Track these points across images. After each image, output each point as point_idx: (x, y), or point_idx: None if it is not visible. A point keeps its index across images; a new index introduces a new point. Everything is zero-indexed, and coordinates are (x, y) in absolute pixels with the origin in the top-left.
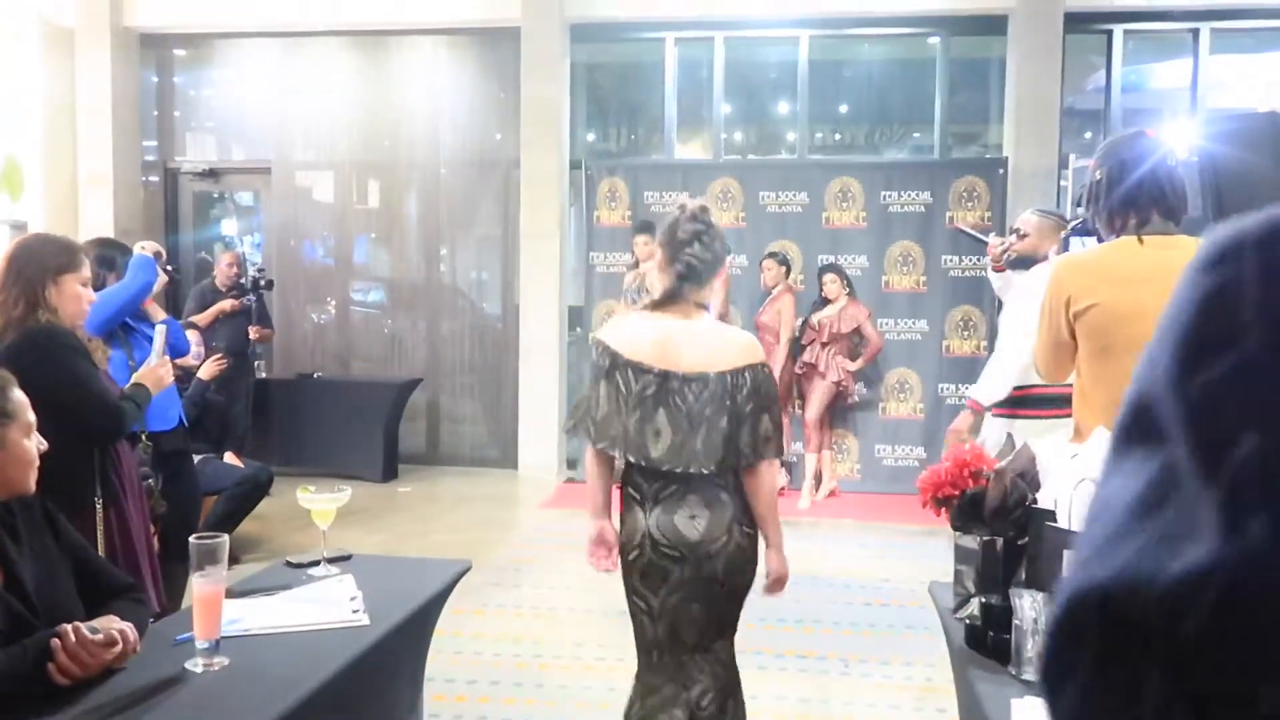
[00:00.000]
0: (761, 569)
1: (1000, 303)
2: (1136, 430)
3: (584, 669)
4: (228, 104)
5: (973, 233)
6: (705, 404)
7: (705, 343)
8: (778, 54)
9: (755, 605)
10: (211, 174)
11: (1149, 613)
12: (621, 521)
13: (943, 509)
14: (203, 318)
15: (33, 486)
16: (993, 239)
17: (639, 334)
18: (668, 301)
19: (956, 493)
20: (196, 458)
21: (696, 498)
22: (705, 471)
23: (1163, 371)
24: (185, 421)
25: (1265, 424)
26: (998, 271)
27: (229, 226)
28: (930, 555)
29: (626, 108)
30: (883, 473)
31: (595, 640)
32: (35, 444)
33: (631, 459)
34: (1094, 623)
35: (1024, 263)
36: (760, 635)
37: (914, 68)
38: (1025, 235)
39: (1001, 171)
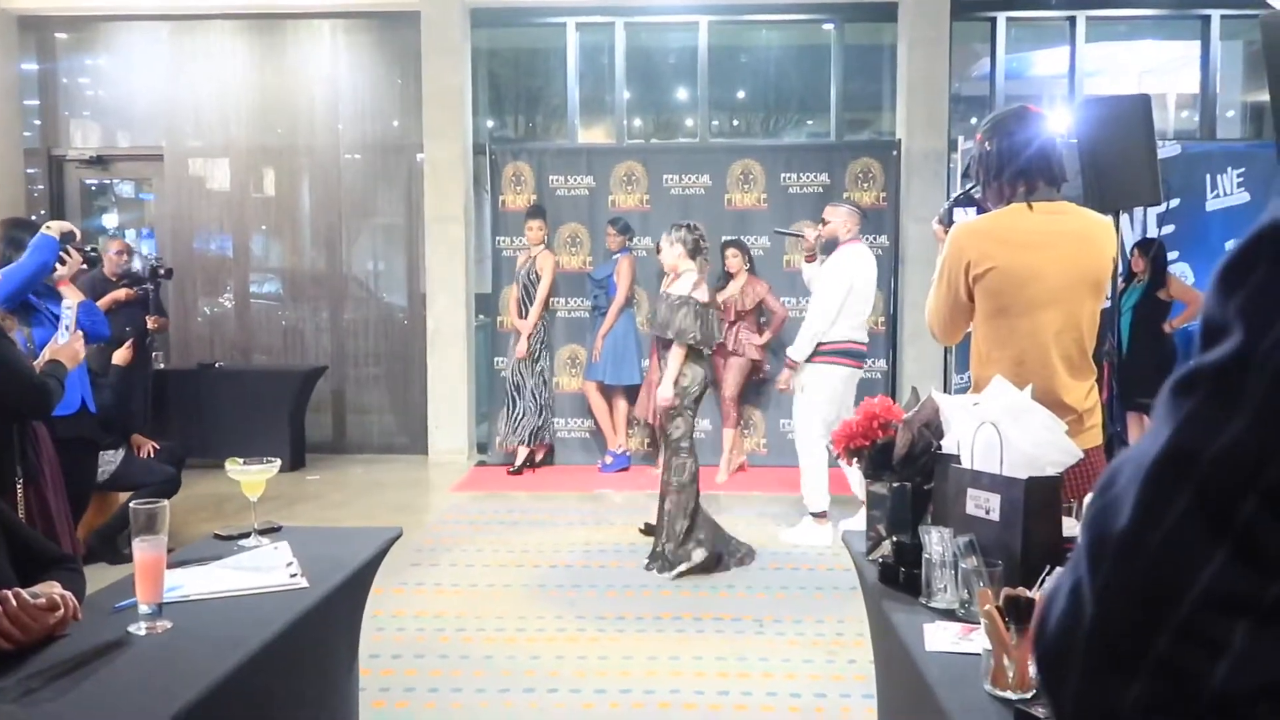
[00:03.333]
0: None
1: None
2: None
3: (507, 640)
4: (115, 89)
5: (789, 231)
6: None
7: None
8: (678, 39)
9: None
10: (99, 161)
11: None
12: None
13: (854, 459)
14: (99, 305)
15: None
16: (808, 231)
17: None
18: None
19: (867, 443)
20: (117, 454)
21: None
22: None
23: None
24: (93, 407)
25: None
26: (809, 262)
27: (119, 216)
28: (834, 522)
29: (527, 93)
30: (788, 446)
31: (516, 612)
32: None
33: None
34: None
35: (829, 246)
36: (679, 601)
37: (809, 54)
38: (829, 223)
39: (895, 153)
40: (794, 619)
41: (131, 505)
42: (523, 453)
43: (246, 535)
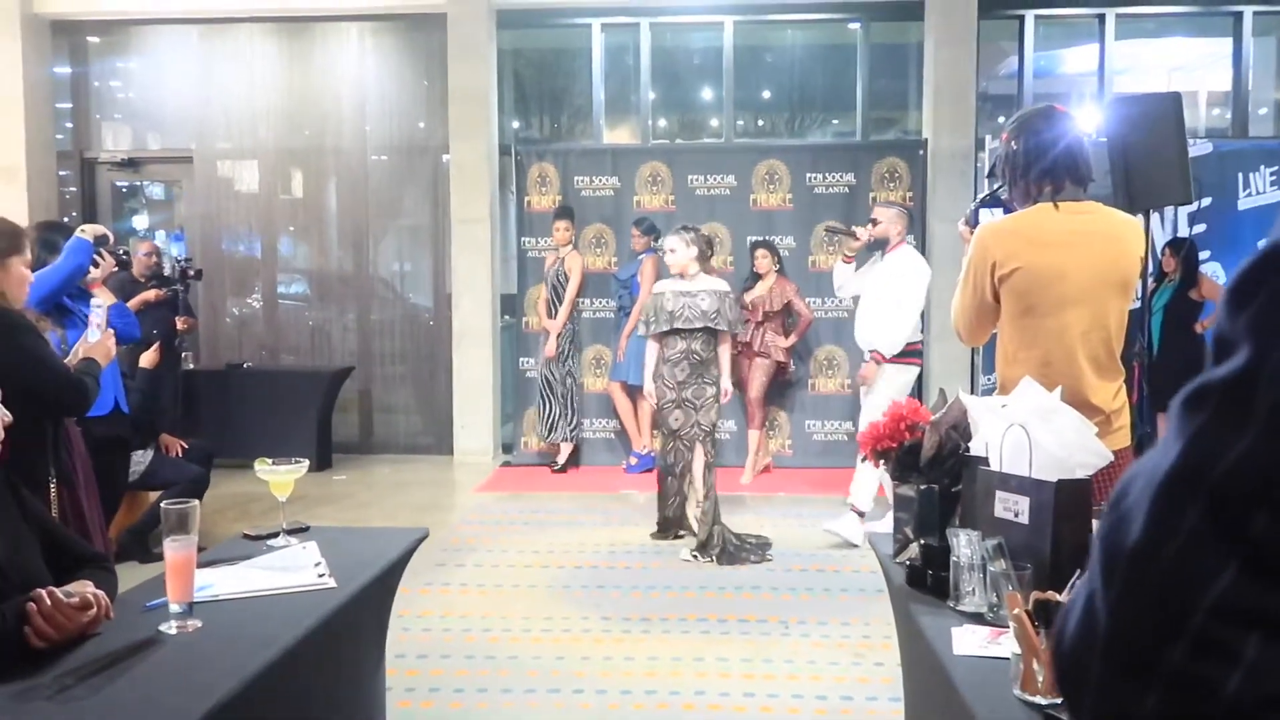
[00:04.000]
0: None
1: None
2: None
3: (533, 640)
4: (146, 92)
5: (842, 229)
6: None
7: None
8: (702, 39)
9: (697, 574)
10: (130, 164)
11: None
12: None
13: (882, 460)
14: (129, 306)
15: None
16: (860, 230)
17: None
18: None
19: (895, 445)
20: (146, 454)
21: None
22: None
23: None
24: (125, 408)
25: None
26: (847, 263)
27: (149, 217)
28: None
29: (552, 94)
30: (813, 447)
31: (542, 613)
32: (1, 417)
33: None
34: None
35: (879, 245)
36: (703, 602)
37: (835, 53)
38: (879, 223)
39: (921, 153)
40: (819, 621)
41: (163, 505)
42: (566, 449)
43: (275, 535)
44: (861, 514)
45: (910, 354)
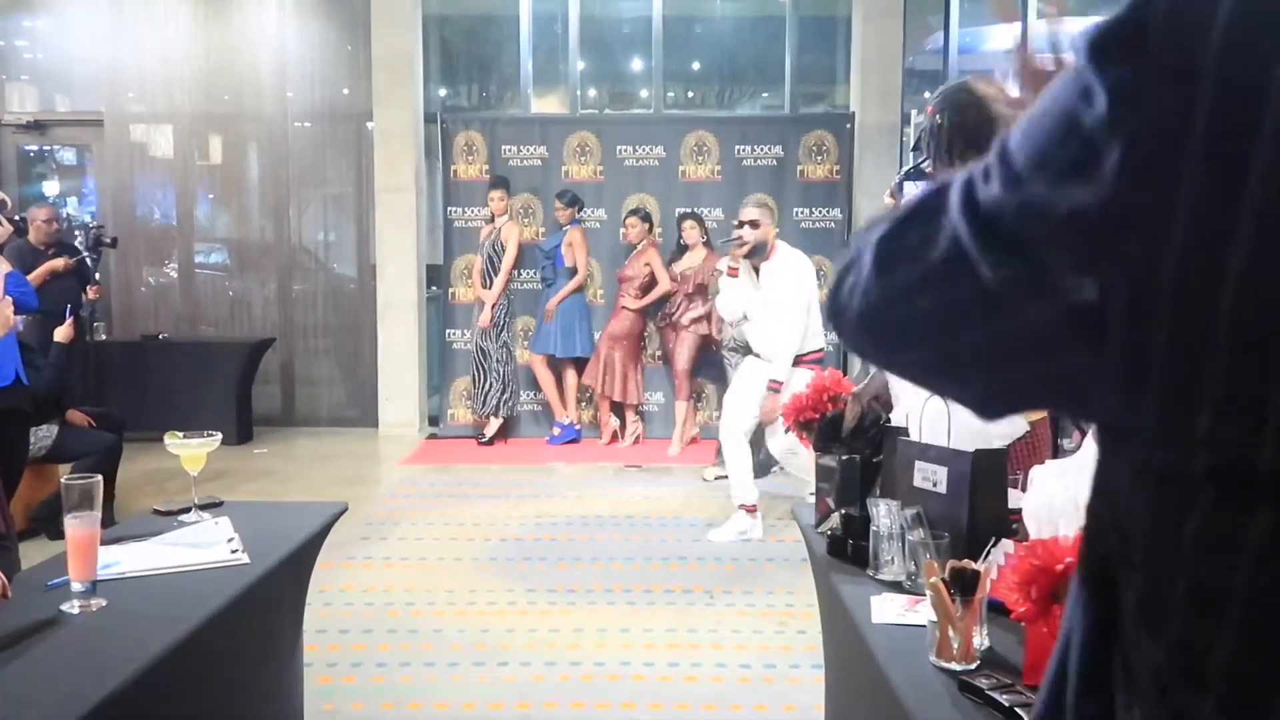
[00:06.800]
0: None
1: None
2: None
3: (457, 614)
4: (53, 52)
5: (732, 238)
6: None
7: None
8: (631, 9)
9: (623, 546)
10: (37, 126)
11: None
12: None
13: (804, 431)
14: (33, 277)
15: None
16: (741, 232)
17: None
18: None
19: (817, 416)
20: (52, 428)
21: None
22: None
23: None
24: (25, 380)
25: None
26: (732, 275)
27: (59, 183)
28: (788, 496)
29: (480, 61)
30: None
31: (466, 586)
32: None
33: None
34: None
35: (759, 250)
36: (629, 573)
37: (764, 25)
38: (760, 224)
39: (849, 126)
40: (744, 590)
41: (64, 481)
42: (494, 424)
43: (187, 510)
44: (751, 507)
45: (811, 363)
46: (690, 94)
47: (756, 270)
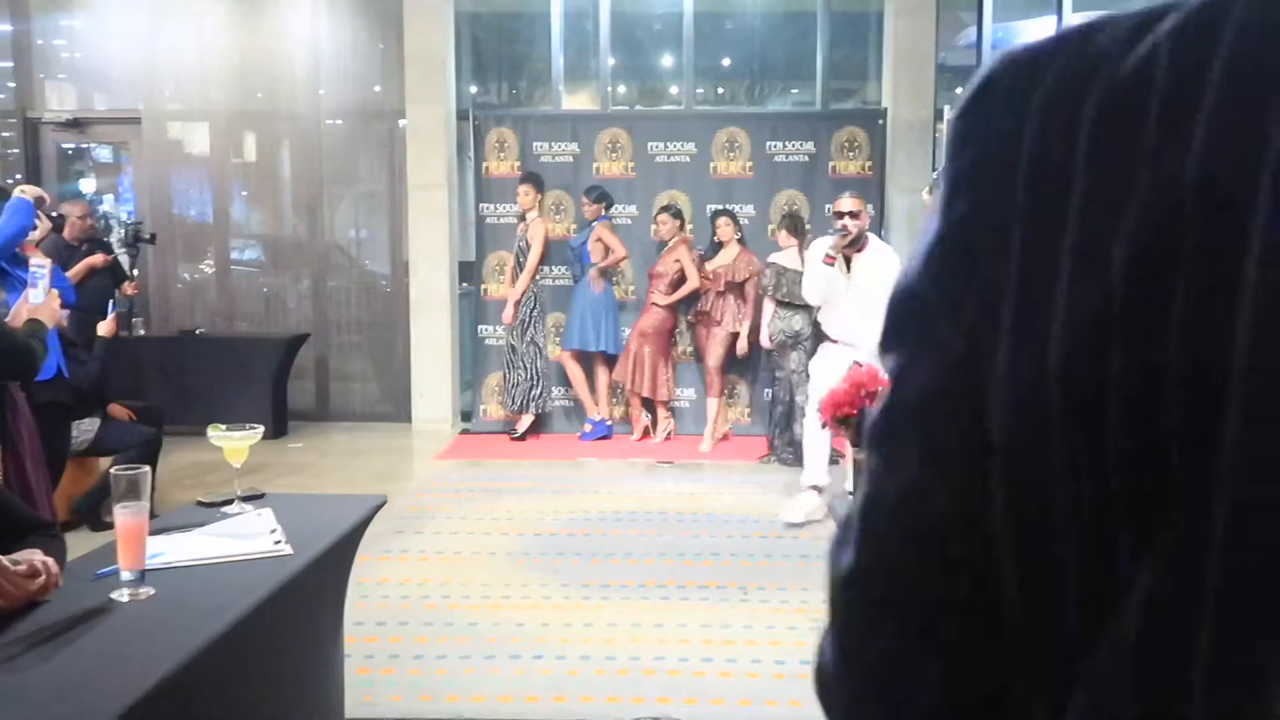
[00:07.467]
0: None
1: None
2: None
3: (491, 607)
4: (91, 51)
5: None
6: None
7: None
8: (663, 5)
9: (655, 542)
10: (75, 124)
11: None
12: None
13: (842, 428)
14: (73, 274)
15: None
16: (843, 223)
17: None
18: None
19: (855, 412)
20: (94, 422)
21: None
22: None
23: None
24: (67, 373)
25: None
26: (829, 264)
27: (96, 180)
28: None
29: (511, 58)
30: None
31: (501, 580)
32: None
33: None
34: None
35: (855, 240)
36: (661, 569)
37: (795, 21)
38: (859, 215)
39: (881, 123)
40: (778, 586)
41: (112, 471)
42: (526, 420)
43: (230, 502)
44: (820, 489)
45: None
46: (721, 90)
47: (848, 260)
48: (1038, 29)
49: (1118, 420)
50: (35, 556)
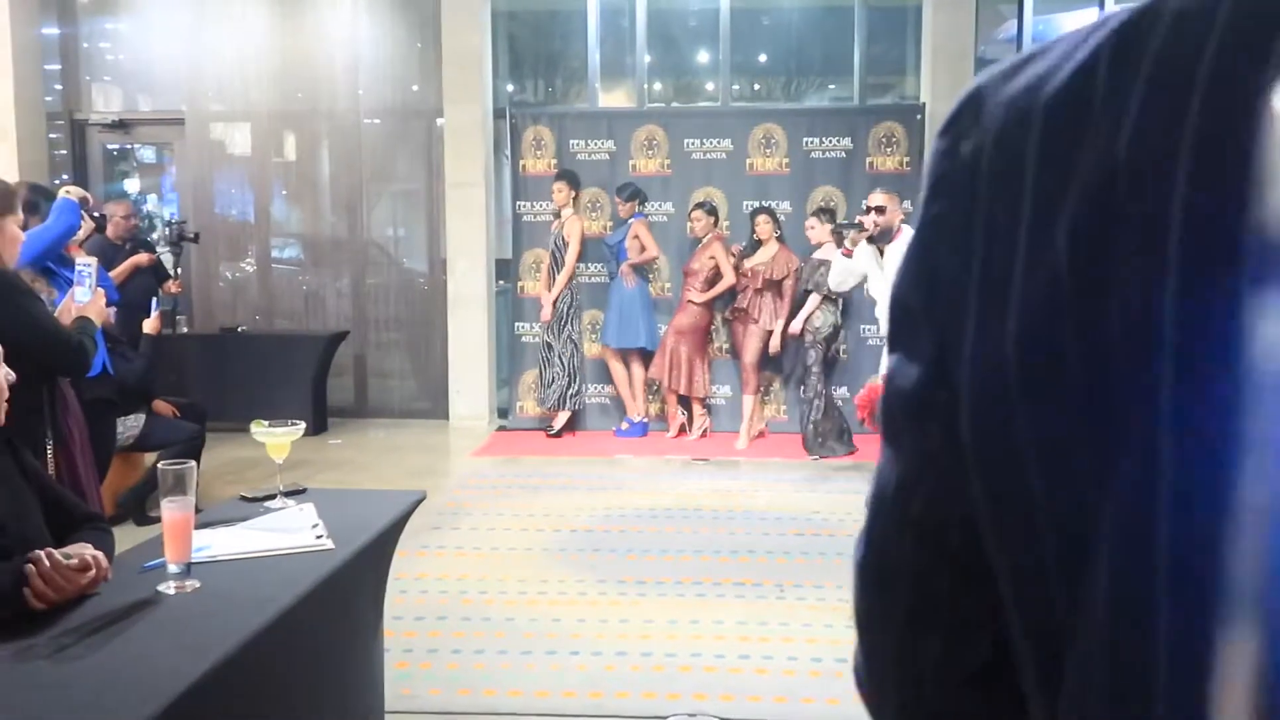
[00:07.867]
0: None
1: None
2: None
3: (529, 603)
4: (136, 53)
5: (848, 223)
6: None
7: None
8: (699, 1)
9: (691, 539)
10: (121, 125)
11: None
12: None
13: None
14: (117, 273)
15: (1, 419)
16: (864, 219)
17: None
18: None
19: None
20: (139, 418)
21: None
22: None
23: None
24: (111, 370)
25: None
26: (848, 256)
27: (140, 180)
28: (856, 490)
29: (547, 56)
30: None
31: (538, 575)
32: (4, 376)
33: None
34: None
35: (884, 236)
36: (698, 566)
37: (832, 16)
38: (885, 210)
39: (919, 118)
40: (814, 584)
41: (160, 466)
42: (562, 417)
43: (272, 497)
44: None
45: None
46: (757, 86)
47: (882, 252)
48: (1078, 20)
49: (1070, 391)
50: (86, 550)
